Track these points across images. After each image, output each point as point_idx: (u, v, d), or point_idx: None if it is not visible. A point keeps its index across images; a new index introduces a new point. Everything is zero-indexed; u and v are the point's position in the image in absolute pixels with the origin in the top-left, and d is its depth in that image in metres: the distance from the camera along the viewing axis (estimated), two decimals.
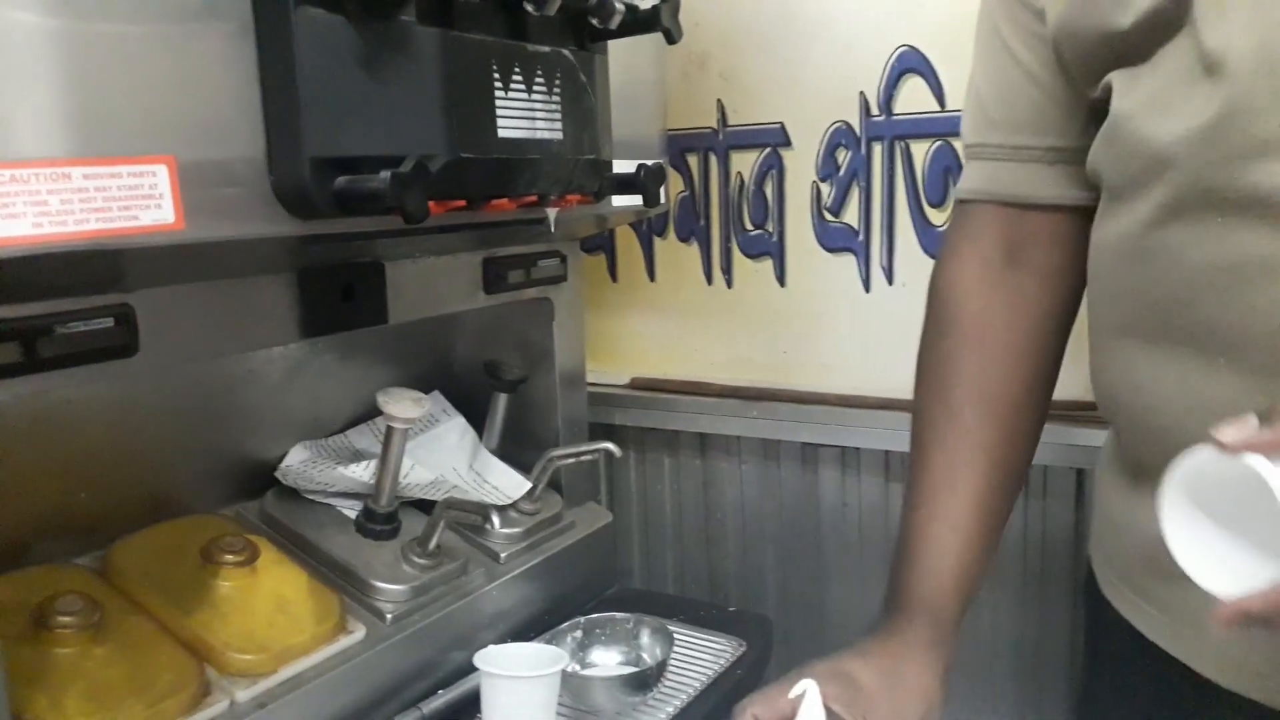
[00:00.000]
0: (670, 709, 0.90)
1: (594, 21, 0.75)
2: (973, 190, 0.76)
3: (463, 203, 0.69)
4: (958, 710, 1.20)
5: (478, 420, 1.17)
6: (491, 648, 0.83)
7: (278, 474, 1.00)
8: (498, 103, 0.69)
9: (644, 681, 0.88)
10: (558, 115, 0.75)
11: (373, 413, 1.13)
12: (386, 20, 0.63)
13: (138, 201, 0.55)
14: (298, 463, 1.03)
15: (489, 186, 0.70)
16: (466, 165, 0.67)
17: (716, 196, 1.24)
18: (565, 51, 0.75)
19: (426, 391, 1.11)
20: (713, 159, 1.23)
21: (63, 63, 0.52)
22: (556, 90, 0.74)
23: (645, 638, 0.97)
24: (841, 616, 1.25)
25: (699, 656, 1.00)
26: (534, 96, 0.72)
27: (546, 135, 0.74)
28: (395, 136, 0.65)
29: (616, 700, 0.88)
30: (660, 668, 0.90)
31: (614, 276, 1.34)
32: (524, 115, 0.72)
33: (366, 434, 1.11)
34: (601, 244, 1.34)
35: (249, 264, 0.76)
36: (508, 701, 0.79)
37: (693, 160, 1.24)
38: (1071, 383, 1.05)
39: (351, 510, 0.99)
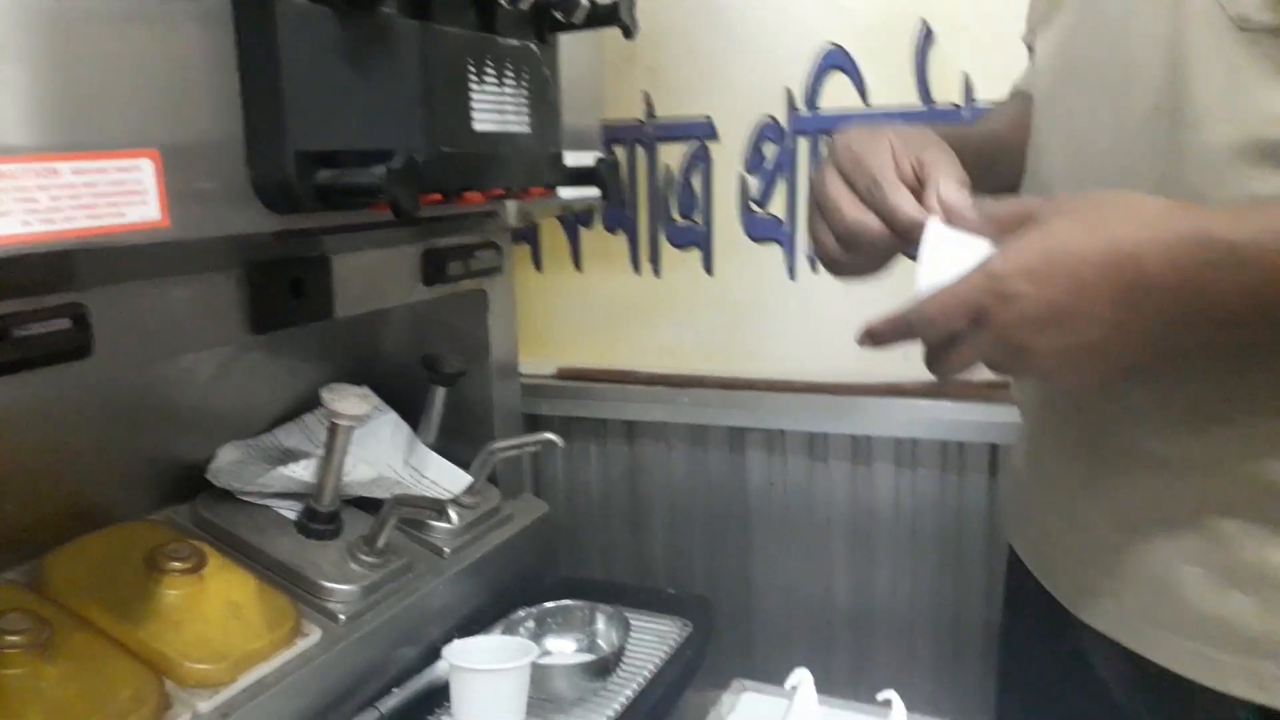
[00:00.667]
0: (629, 692, 0.92)
1: (557, 15, 0.75)
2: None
3: (439, 196, 0.68)
4: (878, 672, 1.26)
5: (406, 415, 1.15)
6: (458, 642, 0.83)
7: (210, 475, 0.96)
8: (472, 96, 0.69)
9: (604, 668, 0.89)
10: (526, 109, 0.75)
11: (299, 410, 1.10)
12: (368, 12, 0.62)
13: (124, 198, 0.53)
14: (229, 463, 0.99)
15: (465, 180, 0.70)
16: (447, 161, 0.66)
17: (644, 187, 1.25)
18: (532, 45, 0.75)
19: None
20: (640, 150, 1.24)
21: (44, 48, 0.49)
22: (525, 84, 0.74)
23: (600, 624, 0.98)
24: (768, 592, 1.30)
25: (647, 640, 1.02)
26: (504, 89, 0.72)
27: (516, 128, 0.74)
28: (375, 130, 0.64)
29: (577, 687, 0.89)
30: (619, 653, 0.91)
31: (538, 266, 1.34)
32: (495, 109, 0.71)
33: (295, 432, 1.08)
34: (525, 234, 1.33)
35: (203, 260, 0.73)
36: (481, 695, 0.79)
37: (620, 151, 1.25)
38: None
39: (289, 511, 0.97)
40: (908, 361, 1.17)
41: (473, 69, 0.69)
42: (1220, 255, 0.48)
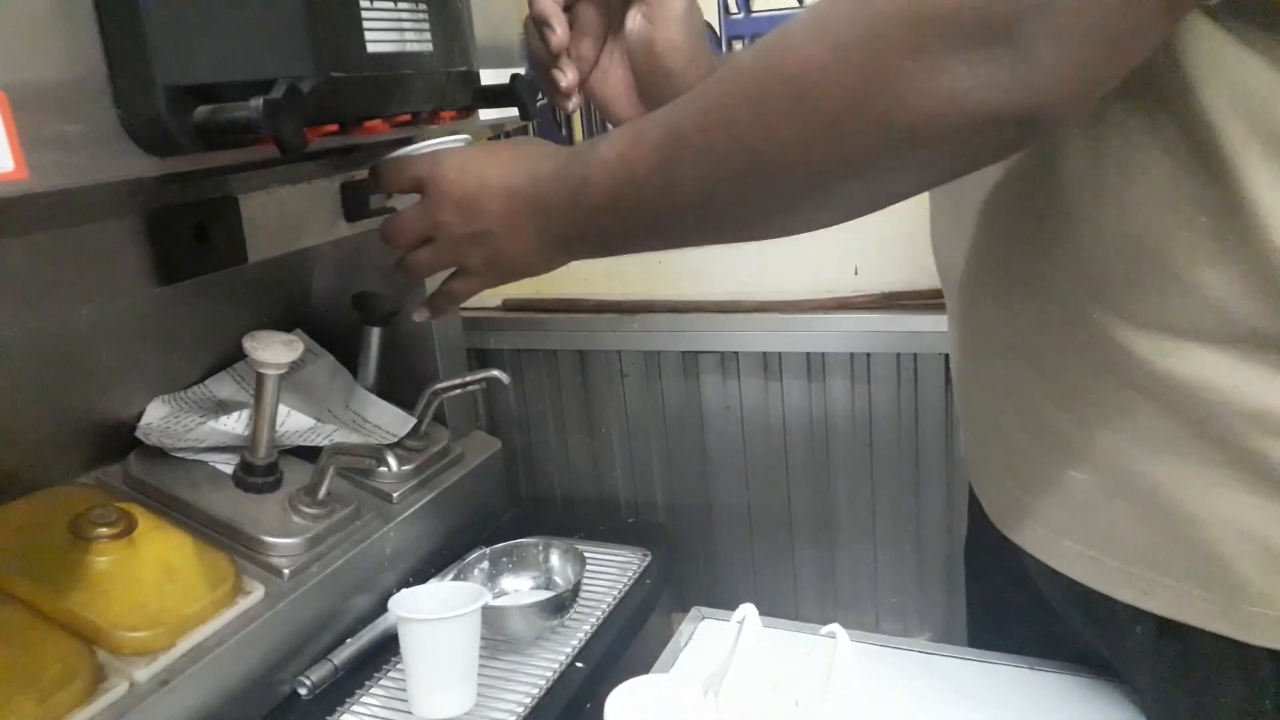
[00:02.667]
0: (588, 626, 0.91)
1: None
2: None
3: (335, 127, 0.63)
4: (843, 588, 1.26)
5: (344, 358, 1.11)
6: (404, 592, 0.81)
7: (139, 433, 0.93)
8: (364, 14, 0.63)
9: (560, 605, 0.88)
10: (426, 25, 0.69)
11: (230, 359, 1.06)
12: None
13: None
14: (158, 419, 0.95)
15: (362, 108, 0.65)
16: (339, 86, 0.61)
17: None
18: None
19: (287, 331, 1.04)
20: None
21: None
22: None
23: (555, 560, 0.96)
24: (729, 514, 1.29)
25: (606, 571, 1.00)
26: (400, 5, 0.67)
27: (416, 47, 0.68)
28: (256, 57, 0.58)
29: (534, 626, 0.87)
30: (575, 589, 0.90)
31: None
32: (392, 26, 0.66)
33: (228, 381, 1.04)
34: None
35: (91, 210, 0.68)
36: (429, 645, 0.77)
37: None
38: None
39: (226, 465, 0.93)
40: (858, 275, 1.15)
41: None
42: (564, 186, 0.58)
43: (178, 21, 0.55)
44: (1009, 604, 0.79)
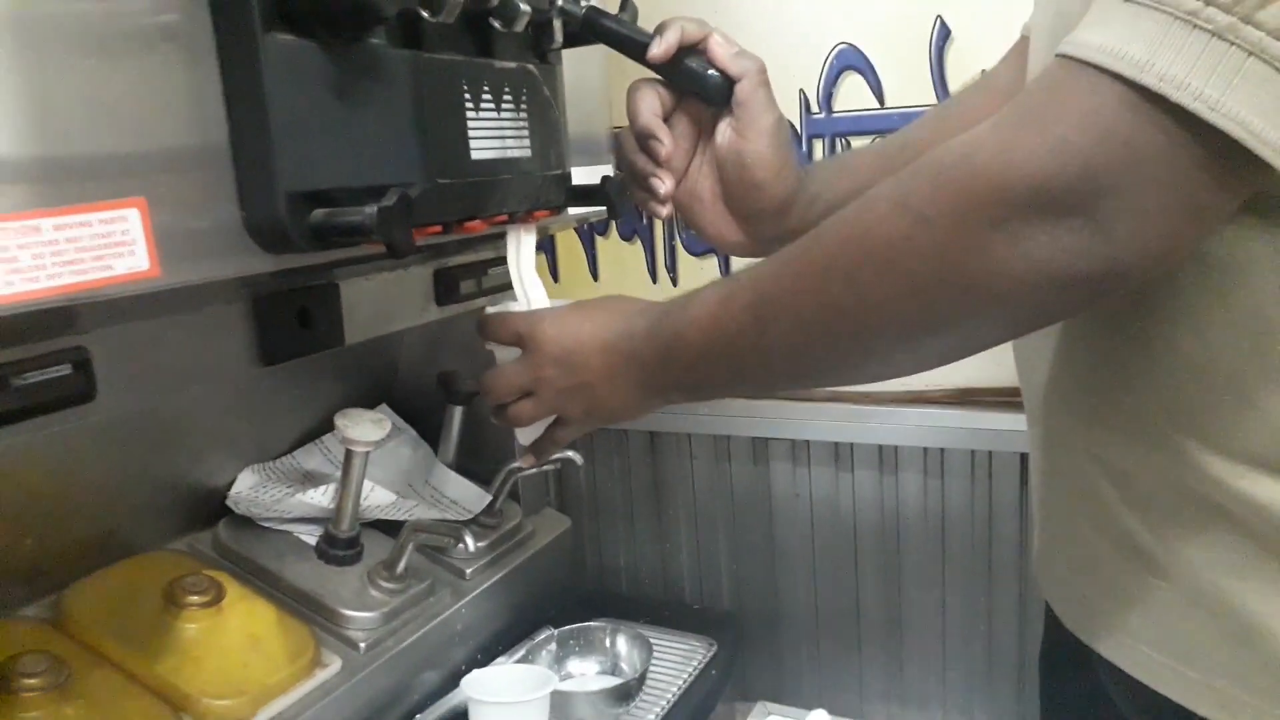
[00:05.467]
0: (651, 716, 0.91)
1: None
2: None
3: (439, 228, 0.67)
4: (911, 688, 1.24)
5: (427, 432, 1.15)
6: (477, 672, 0.82)
7: (229, 502, 0.96)
8: (469, 124, 0.68)
9: (627, 693, 0.88)
10: (526, 132, 0.73)
11: (318, 431, 1.10)
12: (356, 45, 0.60)
13: (110, 250, 0.52)
14: (248, 489, 0.99)
15: (464, 210, 0.68)
16: (444, 191, 0.65)
17: None
18: (530, 66, 0.73)
19: (372, 406, 1.08)
20: None
21: (19, 101, 0.49)
22: (524, 107, 0.73)
23: (622, 645, 0.97)
24: (796, 603, 1.28)
25: (672, 659, 1.00)
26: (503, 115, 0.71)
27: (516, 154, 0.72)
28: (370, 165, 0.62)
29: (600, 713, 0.88)
30: (641, 678, 0.90)
31: (555, 277, 1.33)
32: (495, 135, 0.70)
33: (315, 454, 1.08)
34: (541, 245, 1.32)
35: (207, 297, 0.73)
36: None
37: None
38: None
39: (308, 535, 0.97)
40: (933, 369, 1.16)
41: (469, 96, 0.67)
42: (658, 342, 0.62)
43: (301, 133, 0.59)
44: (1084, 718, 0.77)
